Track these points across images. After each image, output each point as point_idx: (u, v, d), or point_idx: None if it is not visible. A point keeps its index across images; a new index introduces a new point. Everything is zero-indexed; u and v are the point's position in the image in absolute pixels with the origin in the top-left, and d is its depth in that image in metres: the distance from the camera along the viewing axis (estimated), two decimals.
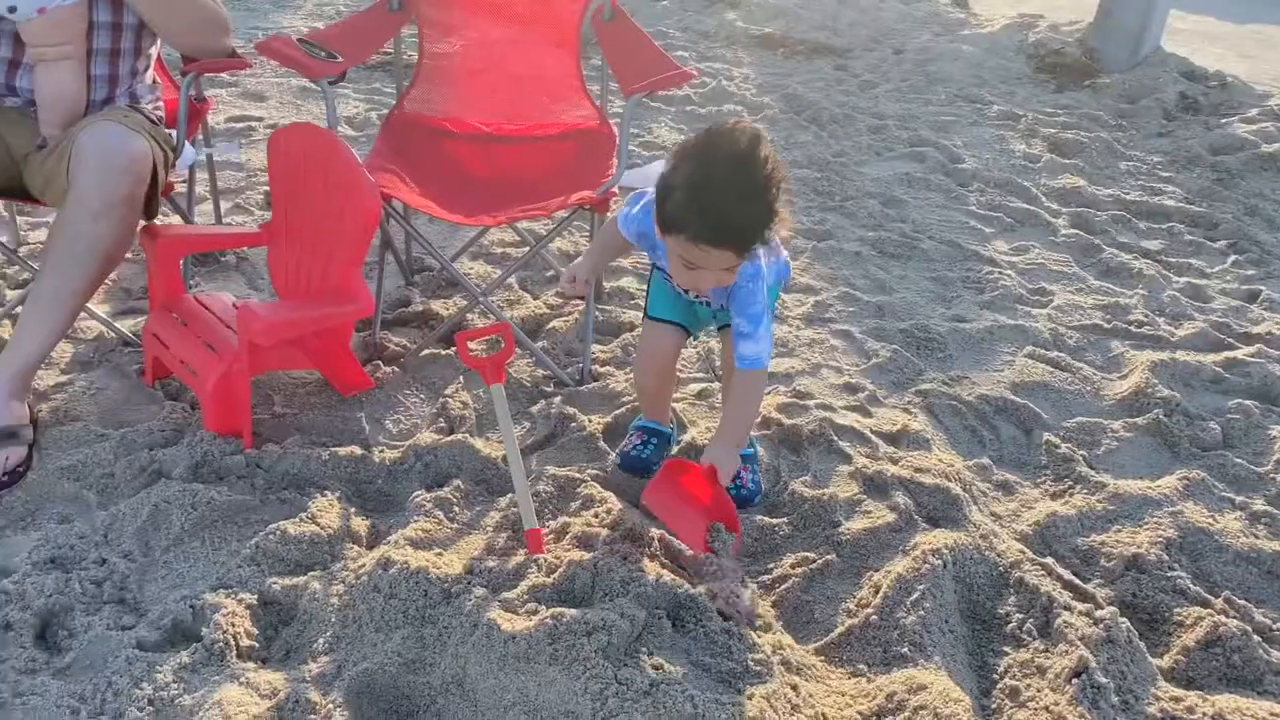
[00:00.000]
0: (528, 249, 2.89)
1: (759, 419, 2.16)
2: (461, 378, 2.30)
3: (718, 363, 2.42)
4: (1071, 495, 2.04)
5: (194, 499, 1.77)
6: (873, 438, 2.17)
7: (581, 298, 2.32)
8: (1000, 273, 3.03)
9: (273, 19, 5.31)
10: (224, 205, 3.06)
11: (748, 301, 1.65)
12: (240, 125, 3.81)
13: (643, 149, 3.80)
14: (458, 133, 2.57)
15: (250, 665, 1.47)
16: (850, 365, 2.50)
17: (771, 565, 1.80)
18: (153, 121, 2.17)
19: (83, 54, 2.07)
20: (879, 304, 2.80)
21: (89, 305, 2.08)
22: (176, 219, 2.52)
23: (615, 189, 2.16)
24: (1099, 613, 1.62)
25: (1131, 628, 1.59)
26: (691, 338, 2.00)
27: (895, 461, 2.08)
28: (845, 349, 2.58)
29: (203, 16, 2.16)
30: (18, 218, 2.77)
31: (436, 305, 2.62)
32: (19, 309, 2.37)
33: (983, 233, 3.38)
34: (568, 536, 1.76)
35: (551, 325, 2.55)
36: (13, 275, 2.57)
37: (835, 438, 2.14)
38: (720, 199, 1.48)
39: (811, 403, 2.28)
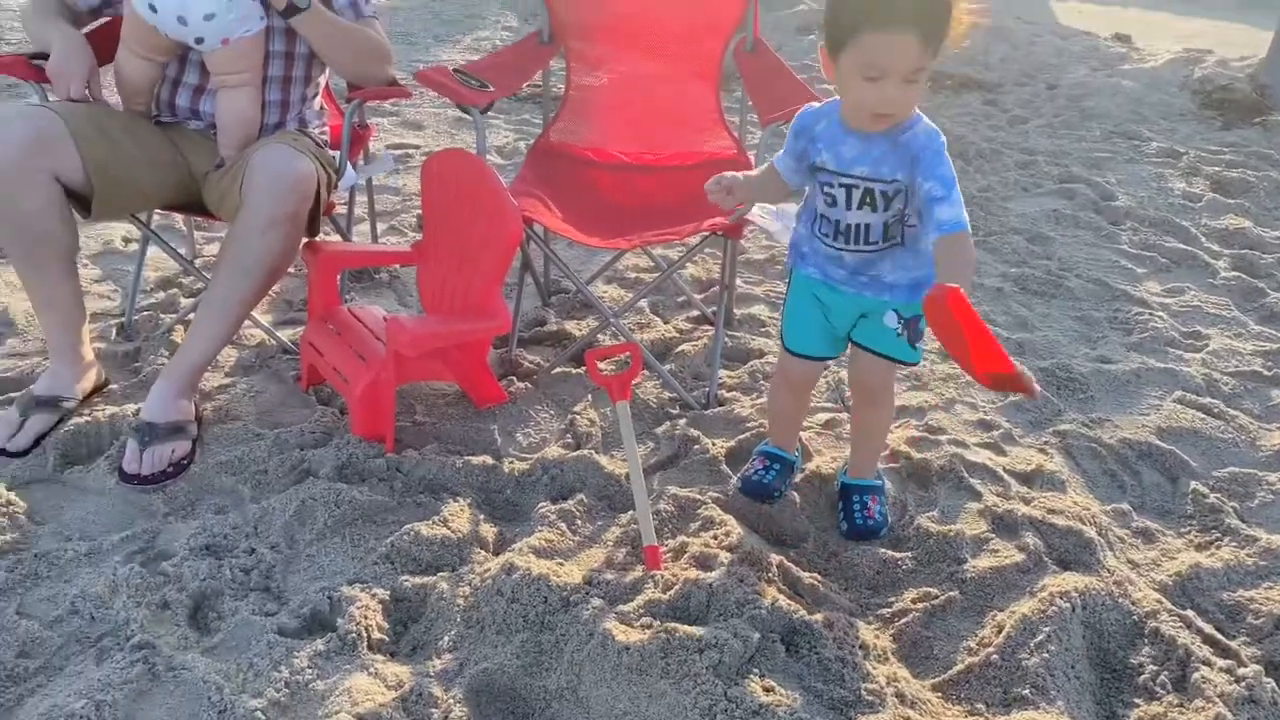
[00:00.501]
0: (660, 274, 2.96)
1: (887, 451, 2.13)
2: (590, 396, 2.36)
3: (847, 393, 2.40)
4: (1218, 548, 1.93)
5: (337, 497, 1.88)
6: (1005, 476, 2.11)
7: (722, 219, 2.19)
8: (1151, 314, 2.91)
9: (433, 52, 5.58)
10: (380, 226, 3.24)
11: (935, 163, 1.55)
12: (398, 152, 4.02)
13: None
14: (599, 161, 2.66)
15: (379, 657, 1.55)
16: (986, 402, 2.44)
17: (892, 599, 1.77)
18: (319, 145, 2.33)
19: (259, 81, 2.24)
20: (1020, 341, 2.73)
21: (254, 314, 2.23)
22: (336, 237, 2.68)
23: (748, 217, 2.18)
24: (1242, 670, 1.53)
25: (1278, 688, 1.50)
26: (826, 365, 1.98)
27: (1027, 501, 2.02)
28: (981, 387, 2.52)
29: (368, 48, 2.31)
30: (194, 232, 3.00)
31: (570, 326, 2.69)
32: (192, 315, 2.58)
33: (1134, 272, 3.24)
34: (685, 556, 1.78)
35: (680, 349, 2.58)
36: (188, 284, 2.79)
37: (966, 474, 2.09)
38: None
39: (943, 438, 2.24)
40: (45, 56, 2.16)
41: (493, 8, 6.68)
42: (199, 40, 2.11)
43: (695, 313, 2.80)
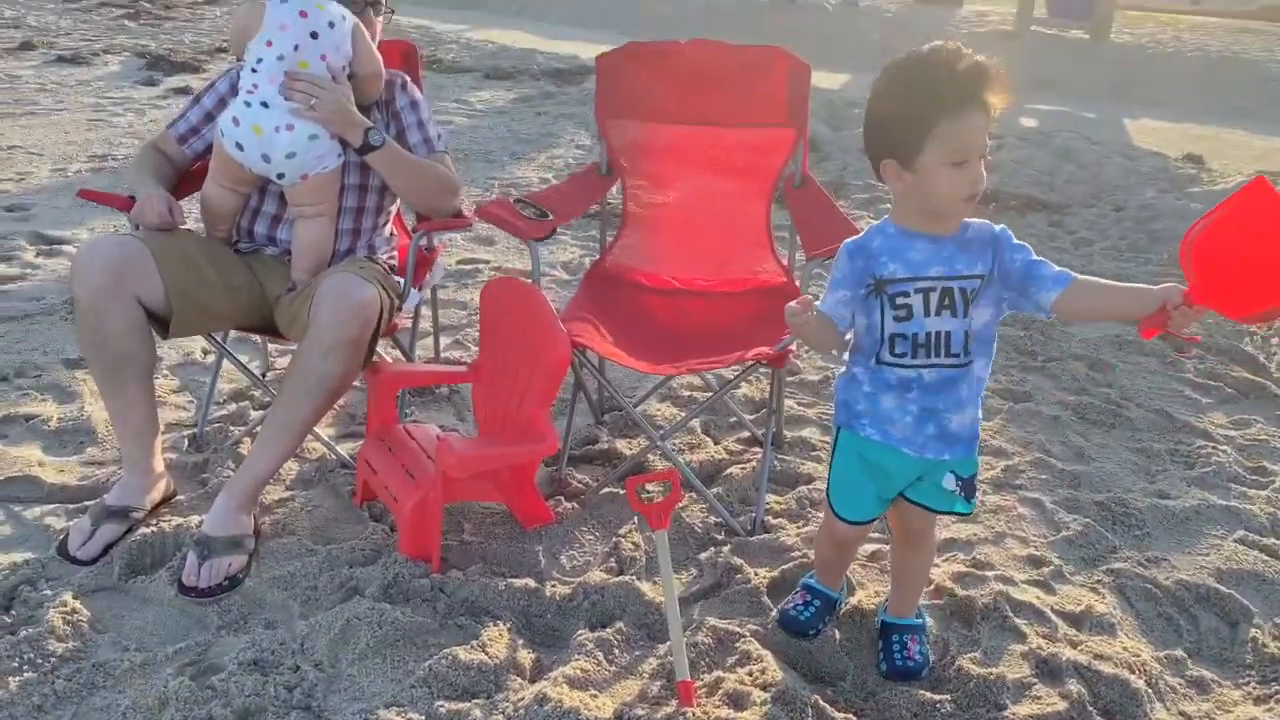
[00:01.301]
0: (712, 394, 3.00)
1: (931, 586, 2.11)
2: (636, 518, 2.38)
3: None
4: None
5: (381, 618, 1.92)
6: (1052, 617, 2.07)
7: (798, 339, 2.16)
8: (1214, 448, 2.84)
9: (509, 169, 5.81)
10: (444, 340, 3.35)
11: (1014, 241, 1.64)
12: (468, 267, 4.18)
13: None
14: (652, 286, 2.74)
15: None
16: (1037, 536, 2.40)
17: None
18: (385, 271, 2.45)
19: (334, 212, 2.38)
20: (1075, 473, 2.68)
21: (315, 429, 2.33)
22: (399, 353, 2.79)
23: (793, 346, 2.22)
24: None
25: None
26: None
27: (1074, 645, 1.97)
28: (1033, 519, 2.48)
29: (437, 183, 2.44)
30: (269, 344, 3.14)
31: (621, 444, 2.74)
32: (259, 429, 2.69)
33: (1198, 403, 3.18)
34: (720, 693, 1.78)
35: (729, 471, 2.60)
36: (258, 397, 2.91)
37: (1011, 614, 2.05)
38: (944, 61, 1.52)
39: (990, 573, 2.21)
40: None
41: (568, 127, 6.95)
42: (280, 175, 2.26)
43: (747, 434, 2.83)
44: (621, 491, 2.48)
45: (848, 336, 1.75)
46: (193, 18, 11.68)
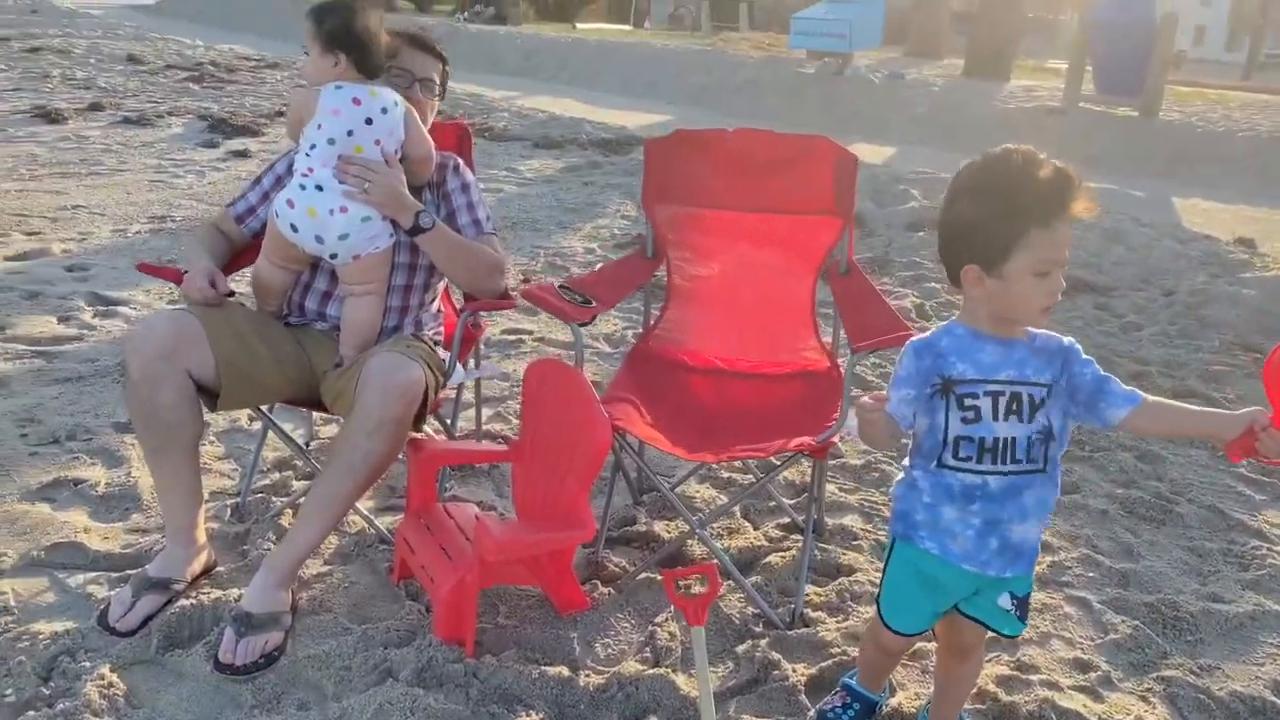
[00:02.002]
0: (752, 478, 2.98)
1: (974, 690, 2.05)
2: (672, 607, 2.35)
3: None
4: None
5: (413, 704, 1.91)
6: None
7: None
8: (1270, 549, 2.76)
9: (555, 239, 5.89)
10: (486, 412, 3.37)
11: (1083, 356, 1.63)
12: (512, 338, 4.21)
13: (862, 391, 3.83)
14: (694, 366, 2.74)
15: None
16: (1084, 638, 2.34)
17: None
18: (431, 347, 2.48)
19: (384, 290, 2.42)
20: (1123, 571, 2.62)
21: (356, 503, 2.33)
22: (440, 427, 2.80)
23: (836, 438, 2.21)
24: None
25: None
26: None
27: None
28: (1080, 619, 2.42)
29: (484, 264, 2.47)
30: (314, 413, 3.17)
31: (659, 527, 2.72)
32: (301, 500, 2.71)
33: (1252, 500, 3.10)
34: None
35: (768, 560, 2.57)
36: (300, 467, 2.94)
37: None
38: (1028, 168, 1.51)
39: (1035, 677, 2.15)
40: None
41: (614, 197, 7.04)
42: (333, 255, 2.31)
43: (786, 519, 2.80)
44: (659, 577, 2.45)
45: (905, 440, 1.73)
46: (253, 81, 12.08)
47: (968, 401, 1.61)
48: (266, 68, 13.37)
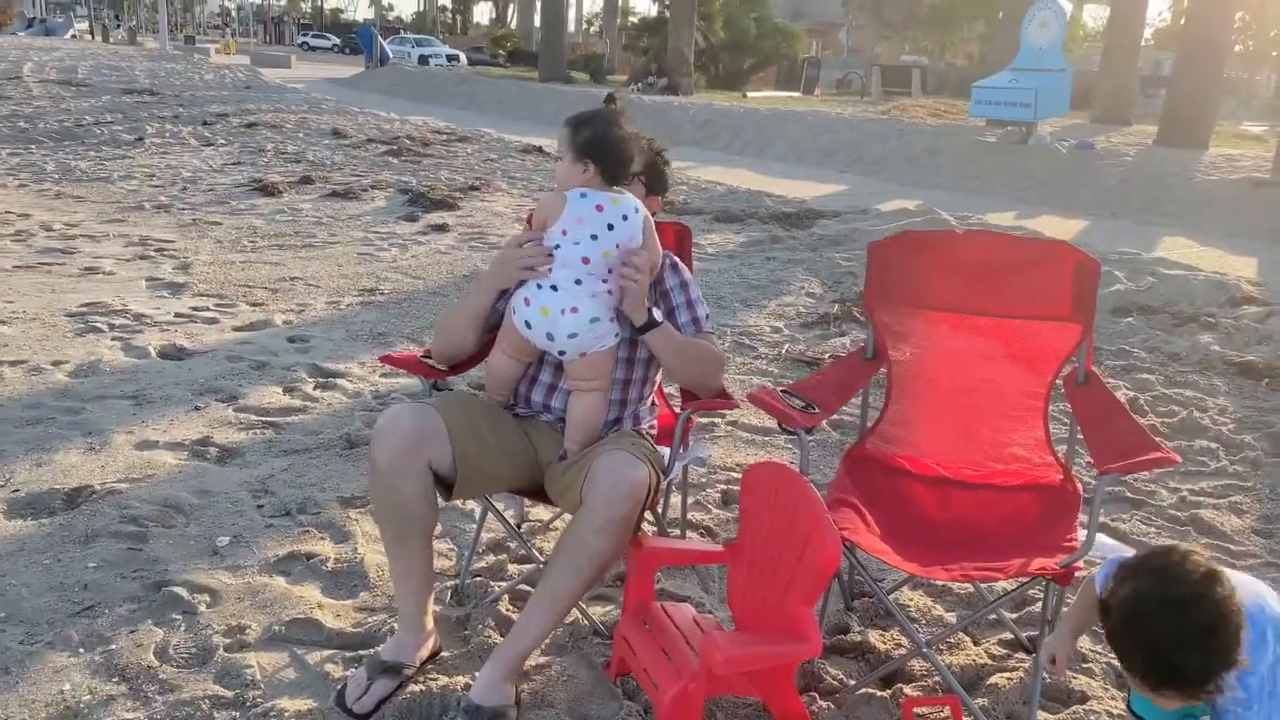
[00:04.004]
0: (970, 589, 2.86)
1: None
2: None
3: None
4: None
5: None
6: None
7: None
8: None
9: (740, 316, 5.91)
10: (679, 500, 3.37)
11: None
12: (704, 420, 4.23)
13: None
14: (915, 473, 2.67)
15: None
16: None
17: None
18: (653, 445, 2.51)
19: (608, 387, 2.47)
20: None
21: None
22: (652, 520, 2.82)
23: (1089, 558, 2.10)
24: None
25: None
26: None
27: None
28: None
29: (706, 361, 2.50)
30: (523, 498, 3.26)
31: (874, 637, 2.64)
32: (521, 585, 2.78)
33: None
34: None
35: (992, 680, 2.45)
36: (514, 550, 3.02)
37: None
38: (1155, 640, 1.43)
39: None
40: (428, 355, 2.55)
41: (797, 273, 7.03)
42: (561, 352, 2.39)
43: (1008, 635, 2.67)
44: (878, 694, 2.38)
45: None
46: (447, 154, 12.76)
47: None
48: (457, 141, 14.11)
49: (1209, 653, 1.41)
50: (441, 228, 8.10)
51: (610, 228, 2.32)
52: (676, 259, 2.67)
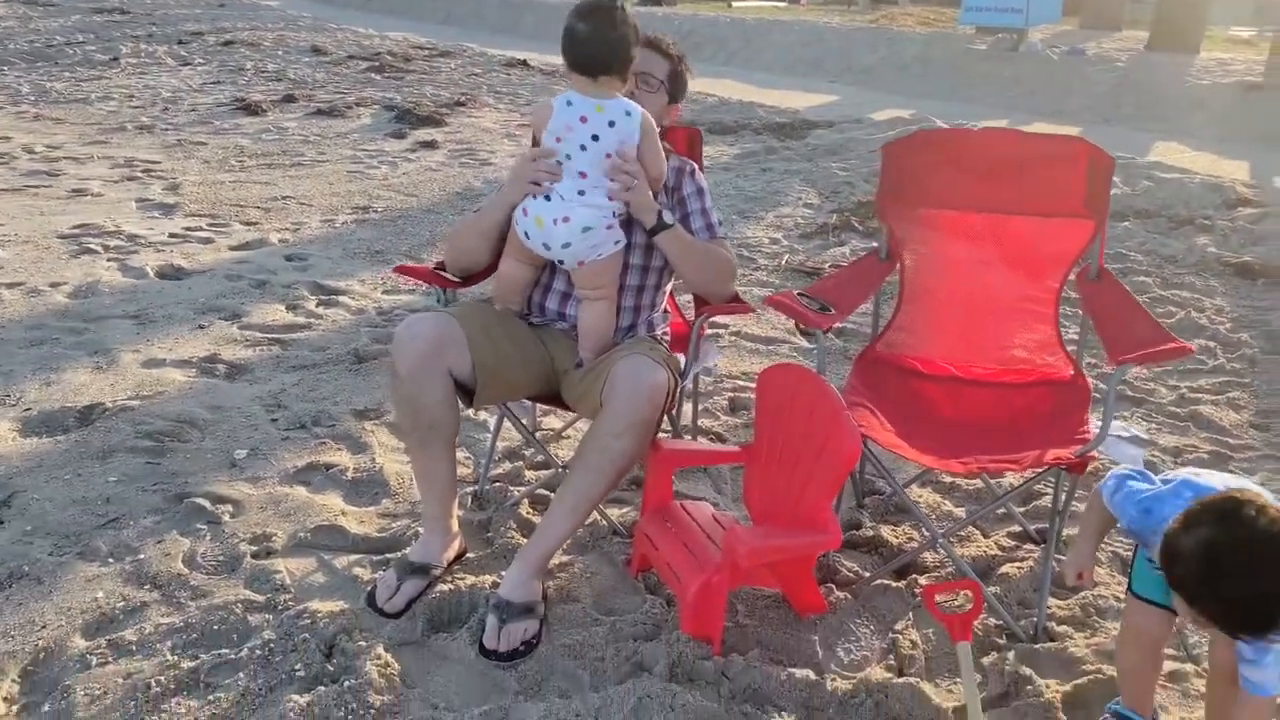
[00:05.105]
0: (980, 483, 2.93)
1: None
2: (911, 614, 2.35)
3: (1191, 639, 2.25)
4: None
5: (672, 699, 1.97)
6: None
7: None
8: None
9: (739, 229, 5.88)
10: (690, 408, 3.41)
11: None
12: (709, 332, 4.24)
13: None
14: (926, 373, 2.70)
15: None
16: None
17: None
18: (669, 350, 2.53)
19: (615, 295, 2.47)
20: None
21: None
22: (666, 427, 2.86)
23: (1099, 451, 2.14)
24: None
25: None
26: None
27: None
28: None
29: (718, 266, 2.51)
30: (536, 405, 3.29)
31: (886, 532, 2.70)
32: (540, 490, 2.83)
33: None
34: None
35: (1003, 570, 2.52)
36: (529, 456, 3.06)
37: None
38: (1235, 587, 1.43)
39: None
40: (443, 267, 2.55)
41: (794, 184, 6.98)
42: (560, 261, 2.39)
43: (1017, 528, 2.74)
44: (893, 584, 2.45)
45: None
46: (429, 70, 12.49)
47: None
48: (439, 56, 13.79)
49: None
50: (430, 144, 7.99)
51: (595, 138, 2.28)
52: (694, 165, 2.65)
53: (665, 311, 2.75)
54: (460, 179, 6.92)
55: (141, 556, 2.47)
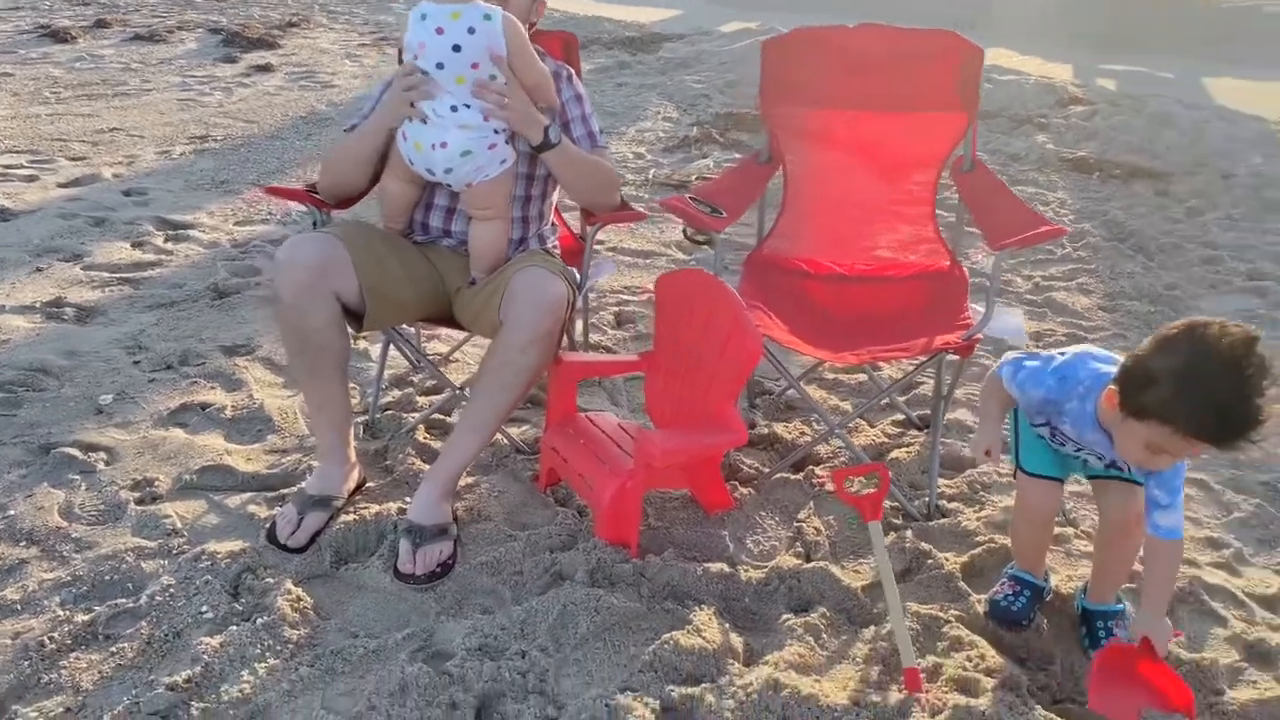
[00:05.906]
0: (864, 377, 3.04)
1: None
2: (812, 504, 2.43)
3: (1068, 506, 2.42)
4: None
5: (596, 603, 1.99)
6: (1246, 600, 2.10)
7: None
8: None
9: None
10: (579, 323, 3.40)
11: (1172, 475, 1.69)
12: (596, 247, 4.20)
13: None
14: (813, 273, 2.76)
15: None
16: (1209, 517, 2.42)
17: None
18: (564, 262, 2.50)
19: (507, 214, 2.40)
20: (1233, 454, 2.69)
21: None
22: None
23: (979, 335, 2.25)
24: None
25: None
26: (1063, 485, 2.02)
27: (1275, 629, 2.00)
28: (1202, 499, 2.50)
29: (602, 178, 2.46)
30: (421, 331, 3.20)
31: (779, 429, 2.78)
32: (435, 415, 2.77)
33: None
34: (942, 678, 1.83)
35: (893, 455, 2.64)
36: (419, 383, 2.99)
37: (1206, 597, 2.09)
38: (1216, 397, 1.50)
39: None
40: (314, 189, 2.44)
41: (651, 98, 6.94)
42: (447, 185, 2.30)
43: (900, 416, 2.86)
44: (792, 477, 2.53)
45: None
46: None
47: (1056, 436, 1.87)
48: None
49: (1260, 405, 1.48)
50: (265, 68, 7.54)
51: (456, 49, 2.14)
52: (571, 71, 2.58)
53: (554, 225, 2.70)
54: (302, 103, 6.58)
55: (12, 513, 2.30)
